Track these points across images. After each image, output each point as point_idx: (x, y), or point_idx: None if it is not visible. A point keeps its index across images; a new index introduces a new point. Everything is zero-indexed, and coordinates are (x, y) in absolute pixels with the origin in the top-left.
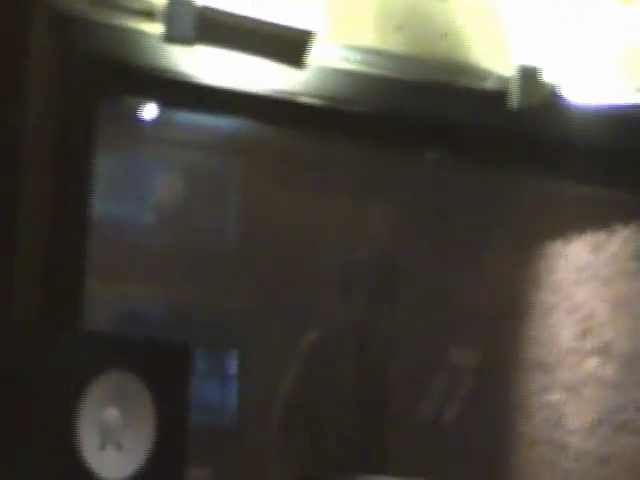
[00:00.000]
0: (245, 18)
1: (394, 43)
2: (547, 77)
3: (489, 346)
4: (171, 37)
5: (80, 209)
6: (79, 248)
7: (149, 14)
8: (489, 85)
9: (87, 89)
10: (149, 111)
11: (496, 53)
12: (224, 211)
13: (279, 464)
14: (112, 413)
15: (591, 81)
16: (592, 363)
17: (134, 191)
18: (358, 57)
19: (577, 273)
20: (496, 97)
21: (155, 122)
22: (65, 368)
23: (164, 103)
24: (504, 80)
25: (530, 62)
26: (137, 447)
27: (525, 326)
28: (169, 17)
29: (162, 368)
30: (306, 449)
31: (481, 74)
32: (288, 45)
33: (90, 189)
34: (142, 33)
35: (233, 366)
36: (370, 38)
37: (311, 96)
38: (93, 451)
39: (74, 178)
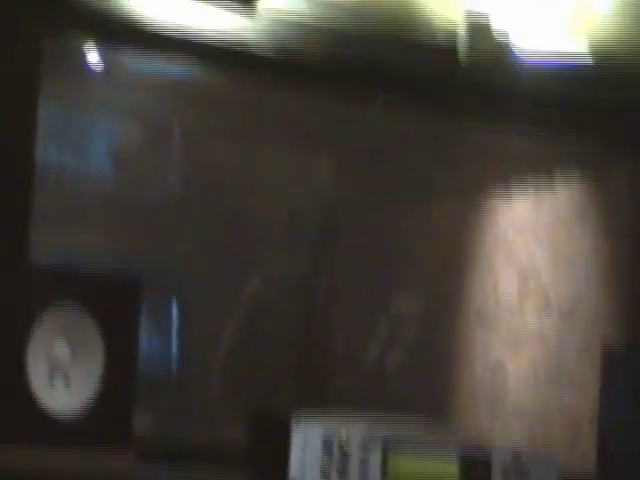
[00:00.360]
0: None
1: None
2: (496, 26)
3: (431, 296)
4: None
5: (24, 155)
6: (24, 194)
7: None
8: (437, 33)
9: (33, 29)
10: (96, 55)
11: (445, 1)
12: (168, 160)
13: (222, 411)
14: (61, 348)
15: (539, 35)
16: (532, 317)
17: (79, 138)
18: (308, 8)
19: (519, 227)
20: (444, 46)
21: (103, 66)
22: (14, 302)
23: (113, 46)
24: (452, 28)
25: (479, 10)
26: (86, 383)
27: (467, 278)
28: None
29: (112, 304)
30: (249, 397)
31: (429, 23)
32: None
33: (34, 132)
34: None
35: (174, 314)
36: None
37: (260, 46)
38: (42, 386)
39: (19, 121)
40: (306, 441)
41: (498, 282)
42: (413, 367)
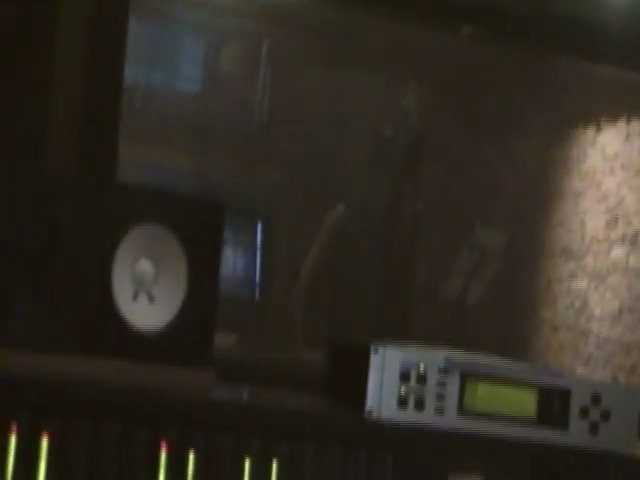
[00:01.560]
0: None
1: None
2: None
3: (515, 229)
4: None
5: (114, 73)
6: (112, 111)
7: None
8: None
9: None
10: None
11: None
12: (254, 84)
13: (302, 333)
14: (145, 265)
15: None
16: (619, 252)
17: (167, 58)
18: None
19: (608, 161)
20: None
21: None
22: (100, 221)
23: None
24: None
25: None
26: (169, 300)
27: (553, 212)
28: None
29: (196, 224)
30: (329, 321)
31: None
32: None
33: (123, 52)
34: None
35: (257, 238)
36: None
37: None
38: (126, 301)
39: (108, 41)
40: (384, 367)
41: (585, 220)
42: (494, 302)
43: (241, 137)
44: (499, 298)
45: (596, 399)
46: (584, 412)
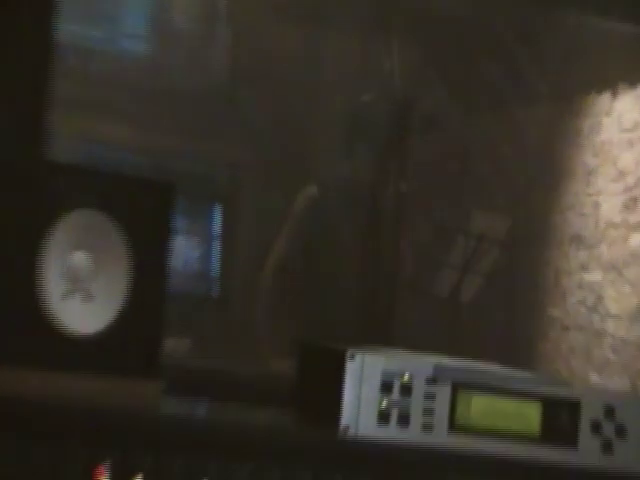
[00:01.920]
0: None
1: None
2: None
3: (519, 213)
4: None
5: (43, 29)
6: (41, 74)
7: None
8: None
9: None
10: None
11: None
12: (211, 44)
13: (268, 336)
14: (80, 257)
15: None
16: (638, 239)
17: (106, 11)
18: None
19: (626, 133)
20: None
21: None
22: (27, 205)
23: None
24: None
25: None
26: (109, 299)
27: (562, 193)
28: None
29: (141, 209)
30: (300, 322)
31: None
32: None
33: (53, 4)
34: None
35: (217, 224)
36: None
37: None
38: (59, 302)
39: None
40: (362, 377)
41: (599, 202)
42: (493, 299)
43: (197, 105)
44: (499, 294)
45: (609, 412)
46: (596, 427)
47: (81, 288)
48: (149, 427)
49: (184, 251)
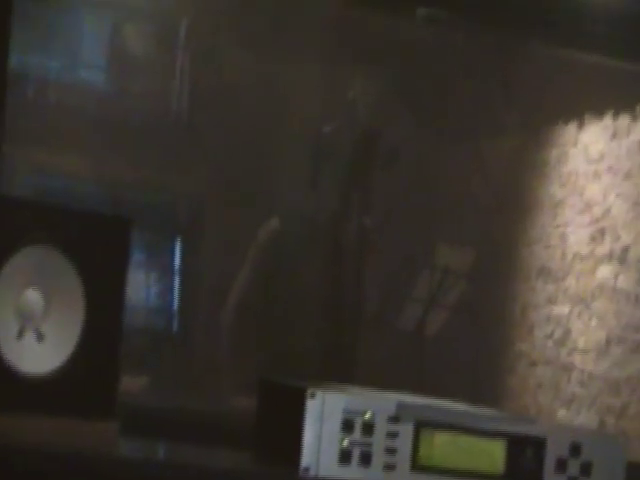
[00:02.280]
0: None
1: None
2: None
3: (485, 246)
4: None
5: None
6: None
7: None
8: None
9: None
10: None
11: None
12: (170, 72)
13: (229, 375)
14: (33, 295)
15: None
16: (606, 271)
17: (61, 42)
18: None
19: (592, 164)
20: None
21: None
22: None
23: None
24: None
25: None
26: (62, 338)
27: (528, 225)
28: None
29: (96, 245)
30: (263, 358)
31: None
32: None
33: (7, 34)
34: None
35: (177, 258)
36: None
37: None
38: (10, 341)
39: None
40: (323, 415)
41: (566, 234)
42: (458, 333)
43: (156, 136)
44: (465, 328)
45: (575, 450)
46: (561, 465)
47: (33, 327)
48: (105, 470)
49: (143, 286)
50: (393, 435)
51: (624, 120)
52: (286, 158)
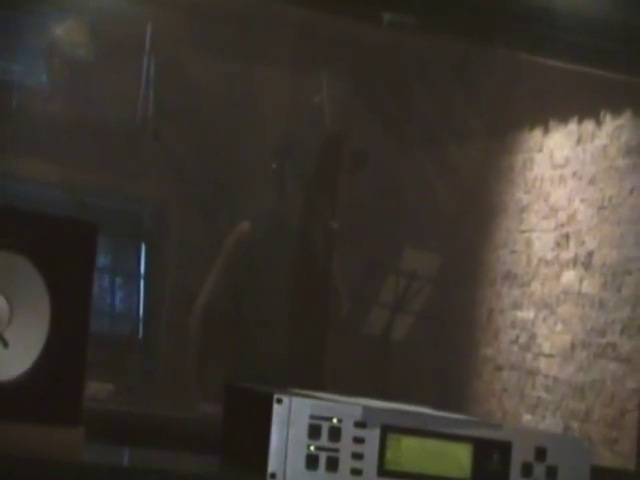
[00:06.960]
0: None
1: None
2: None
3: (451, 251)
4: None
5: None
6: None
7: None
8: None
9: None
10: None
11: None
12: (135, 77)
13: (195, 380)
14: None
15: None
16: (571, 276)
17: (25, 44)
18: None
19: (557, 169)
20: None
21: None
22: None
23: None
24: None
25: None
26: (27, 344)
27: (494, 230)
28: None
29: (60, 250)
30: (230, 363)
31: None
32: None
33: None
34: None
35: (142, 263)
36: None
37: None
38: None
39: None
40: (289, 421)
41: (532, 239)
42: (425, 337)
43: (121, 140)
44: (431, 332)
45: (540, 453)
46: (527, 469)
47: None
48: (71, 476)
49: (108, 291)
50: (360, 440)
51: (589, 125)
52: (252, 162)
